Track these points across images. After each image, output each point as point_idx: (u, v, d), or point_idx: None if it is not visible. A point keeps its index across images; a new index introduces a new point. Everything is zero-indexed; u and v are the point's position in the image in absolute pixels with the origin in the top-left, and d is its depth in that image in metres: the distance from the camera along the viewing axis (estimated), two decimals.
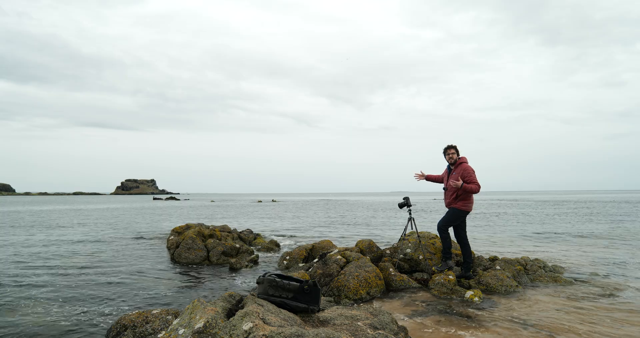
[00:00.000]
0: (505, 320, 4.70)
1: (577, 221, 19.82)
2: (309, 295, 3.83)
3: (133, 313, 4.19)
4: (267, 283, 3.93)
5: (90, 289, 6.53)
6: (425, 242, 7.12)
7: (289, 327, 3.11)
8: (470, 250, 6.41)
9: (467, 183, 5.96)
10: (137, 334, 3.89)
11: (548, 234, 14.44)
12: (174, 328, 3.35)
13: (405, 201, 6.84)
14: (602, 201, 50.86)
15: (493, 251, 10.09)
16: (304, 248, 9.11)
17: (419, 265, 6.88)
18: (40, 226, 18.79)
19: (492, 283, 6.13)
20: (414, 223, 6.94)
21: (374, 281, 6.06)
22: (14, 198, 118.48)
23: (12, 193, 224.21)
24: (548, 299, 5.68)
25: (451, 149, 6.30)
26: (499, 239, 13.12)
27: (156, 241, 12.93)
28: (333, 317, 3.67)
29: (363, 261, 6.42)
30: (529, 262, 7.58)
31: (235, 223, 20.09)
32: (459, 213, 6.13)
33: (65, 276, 7.51)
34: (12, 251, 10.71)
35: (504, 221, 20.79)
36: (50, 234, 15.30)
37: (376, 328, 3.41)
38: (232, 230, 13.19)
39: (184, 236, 10.24)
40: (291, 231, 16.55)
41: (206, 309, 3.36)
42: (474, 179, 5.97)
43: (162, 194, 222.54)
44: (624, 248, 10.69)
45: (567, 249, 10.70)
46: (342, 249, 7.53)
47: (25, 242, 12.72)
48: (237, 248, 10.16)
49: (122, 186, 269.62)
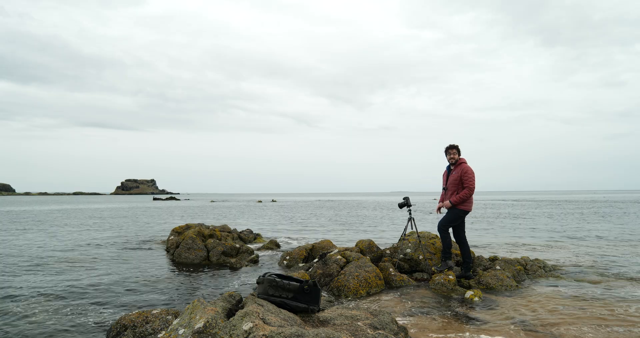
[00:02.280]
0: (505, 320, 4.70)
1: (577, 221, 19.83)
2: (309, 295, 3.84)
3: (133, 313, 4.19)
4: (267, 283, 3.93)
5: (90, 289, 6.53)
6: (425, 242, 7.12)
7: (289, 327, 3.11)
8: (469, 249, 6.41)
9: (463, 186, 5.99)
10: (137, 334, 3.89)
11: (548, 234, 14.45)
12: (174, 328, 3.35)
13: (405, 201, 6.84)
14: (603, 201, 50.86)
15: (493, 251, 10.09)
16: (304, 248, 9.11)
17: (419, 265, 6.88)
18: (40, 226, 18.79)
19: (492, 283, 6.13)
20: (414, 223, 6.94)
21: (374, 281, 6.07)
22: (14, 198, 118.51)
23: (12, 193, 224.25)
24: (548, 299, 5.68)
25: (453, 149, 6.28)
26: (499, 239, 13.13)
27: (156, 241, 12.93)
28: (333, 317, 3.67)
29: (363, 261, 6.42)
30: (529, 262, 7.58)
31: (235, 223, 20.09)
32: (459, 213, 6.13)
33: (65, 276, 7.51)
34: (12, 252, 10.71)
35: (504, 221, 20.80)
36: (49, 234, 15.30)
37: (376, 328, 3.41)
38: (232, 230, 13.19)
39: (184, 236, 10.24)
40: (291, 231, 16.55)
41: (206, 309, 3.36)
42: (471, 183, 5.98)
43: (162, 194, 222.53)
44: (624, 248, 10.69)
45: (567, 249, 10.70)
46: (342, 249, 7.53)
47: (25, 242, 12.72)
48: (237, 248, 10.16)
49: (122, 186, 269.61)
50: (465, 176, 5.96)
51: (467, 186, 5.94)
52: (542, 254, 9.75)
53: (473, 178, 5.97)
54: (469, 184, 5.94)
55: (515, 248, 11.05)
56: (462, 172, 6.02)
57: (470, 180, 5.94)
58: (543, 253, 9.88)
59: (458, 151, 6.26)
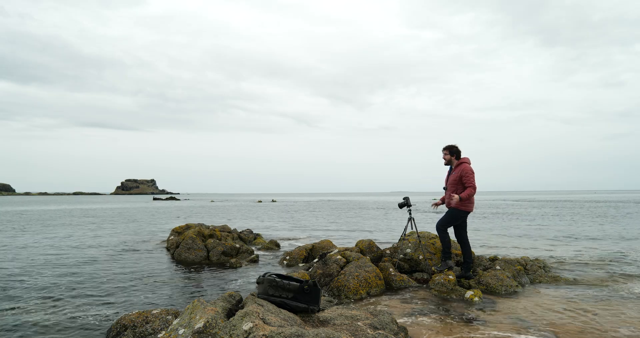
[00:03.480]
0: (505, 320, 4.70)
1: (577, 221, 19.83)
2: (309, 295, 3.84)
3: (133, 313, 4.19)
4: (267, 283, 3.93)
5: (90, 289, 6.53)
6: (425, 242, 7.12)
7: (289, 327, 3.11)
8: (470, 250, 6.41)
9: (465, 186, 5.97)
10: (137, 334, 3.89)
11: (548, 234, 14.44)
12: (174, 328, 3.35)
13: (405, 201, 6.84)
14: (602, 201, 50.85)
15: (493, 251, 10.09)
16: (304, 248, 9.11)
17: (419, 265, 6.88)
18: (39, 226, 18.79)
19: (492, 283, 6.13)
20: (414, 223, 6.93)
21: (374, 281, 6.07)
22: (14, 198, 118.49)
23: (12, 193, 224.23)
24: (548, 299, 5.68)
25: (445, 150, 6.29)
26: (499, 239, 13.13)
27: (156, 241, 12.92)
28: (333, 317, 3.67)
29: (363, 261, 6.42)
30: (529, 262, 7.58)
31: (235, 223, 20.09)
32: (458, 214, 6.12)
33: (65, 276, 7.51)
34: (12, 252, 10.71)
35: (504, 221, 20.80)
36: (49, 234, 15.30)
37: (376, 328, 3.41)
38: (232, 230, 13.19)
39: (184, 236, 10.24)
40: (291, 231, 16.55)
41: (206, 309, 3.36)
42: (471, 182, 5.95)
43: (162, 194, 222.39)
44: (625, 248, 10.69)
45: (568, 249, 10.70)
46: (342, 249, 7.53)
47: (24, 242, 12.72)
48: (237, 248, 10.16)
49: (122, 186, 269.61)
50: (465, 177, 5.96)
51: (468, 186, 5.93)
52: (543, 254, 9.75)
53: (472, 178, 5.96)
54: (470, 184, 5.93)
55: (515, 248, 11.05)
56: (462, 172, 6.02)
57: (470, 180, 5.94)
58: (543, 253, 9.88)
59: (450, 152, 6.23)
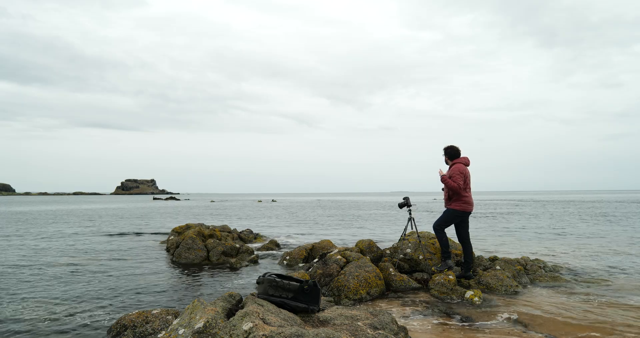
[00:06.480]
0: (505, 321, 4.70)
1: (577, 221, 19.82)
2: (309, 295, 3.83)
3: (133, 313, 4.19)
4: (267, 283, 3.93)
5: (90, 289, 6.54)
6: (425, 242, 7.12)
7: (289, 327, 3.11)
8: (471, 250, 6.41)
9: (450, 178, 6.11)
10: (137, 334, 3.89)
11: (548, 234, 14.44)
12: (174, 328, 3.35)
13: (405, 201, 6.84)
14: (602, 201, 50.86)
15: (493, 251, 10.09)
16: (304, 248, 9.11)
17: (419, 265, 6.88)
18: (40, 226, 18.79)
19: (492, 283, 6.13)
20: (414, 223, 6.94)
21: (374, 281, 6.06)
22: (14, 198, 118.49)
23: (12, 193, 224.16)
24: (548, 299, 5.68)
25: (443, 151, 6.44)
26: (498, 239, 13.13)
27: (156, 241, 12.93)
28: (333, 317, 3.67)
29: (363, 261, 6.42)
30: (529, 262, 7.58)
31: (235, 223, 20.09)
32: (454, 214, 6.16)
33: (65, 276, 7.51)
34: (12, 252, 10.71)
35: (504, 221, 20.79)
36: (49, 234, 15.30)
37: (376, 328, 3.41)
38: (232, 230, 13.20)
39: (184, 236, 10.24)
40: (291, 231, 16.55)
41: (206, 309, 3.36)
42: (451, 181, 6.07)
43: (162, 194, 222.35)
44: (625, 249, 10.69)
45: (567, 249, 10.70)
46: (342, 249, 7.53)
47: (24, 242, 12.72)
48: (237, 248, 10.16)
49: (122, 186, 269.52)
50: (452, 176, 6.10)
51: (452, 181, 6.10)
52: (542, 254, 9.75)
53: (458, 177, 6.07)
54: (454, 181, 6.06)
55: (515, 248, 11.05)
56: (451, 172, 6.23)
57: (454, 177, 6.03)
58: (543, 253, 9.88)
59: (444, 153, 6.42)
